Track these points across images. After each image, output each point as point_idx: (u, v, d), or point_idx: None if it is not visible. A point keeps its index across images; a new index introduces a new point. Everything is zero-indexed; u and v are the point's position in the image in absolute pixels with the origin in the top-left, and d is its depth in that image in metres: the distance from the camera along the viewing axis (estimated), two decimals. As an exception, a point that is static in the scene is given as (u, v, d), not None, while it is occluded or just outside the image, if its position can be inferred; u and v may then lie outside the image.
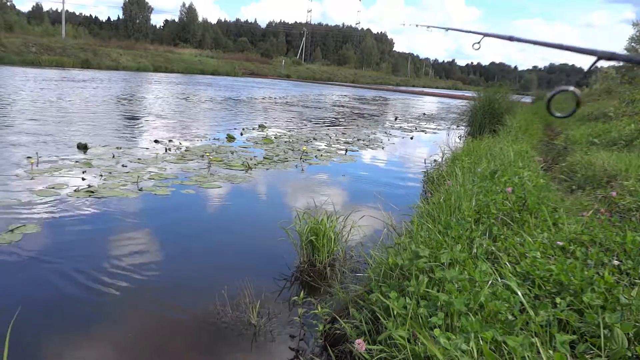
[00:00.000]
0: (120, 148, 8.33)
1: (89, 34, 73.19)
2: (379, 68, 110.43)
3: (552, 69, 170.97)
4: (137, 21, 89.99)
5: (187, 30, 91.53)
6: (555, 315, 2.06)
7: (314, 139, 11.59)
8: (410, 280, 2.40)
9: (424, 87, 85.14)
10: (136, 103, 17.34)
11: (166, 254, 4.17)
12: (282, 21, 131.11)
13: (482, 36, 1.88)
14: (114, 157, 7.55)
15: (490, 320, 2.05)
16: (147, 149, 8.55)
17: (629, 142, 8.43)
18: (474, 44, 1.86)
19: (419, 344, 1.92)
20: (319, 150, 9.89)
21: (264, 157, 8.58)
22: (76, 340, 2.81)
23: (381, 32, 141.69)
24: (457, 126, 16.49)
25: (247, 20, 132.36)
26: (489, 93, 13.48)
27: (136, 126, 11.55)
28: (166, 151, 8.39)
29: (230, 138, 10.36)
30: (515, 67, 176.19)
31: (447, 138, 12.09)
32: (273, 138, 10.92)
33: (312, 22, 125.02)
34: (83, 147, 8.09)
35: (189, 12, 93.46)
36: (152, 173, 6.68)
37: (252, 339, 2.91)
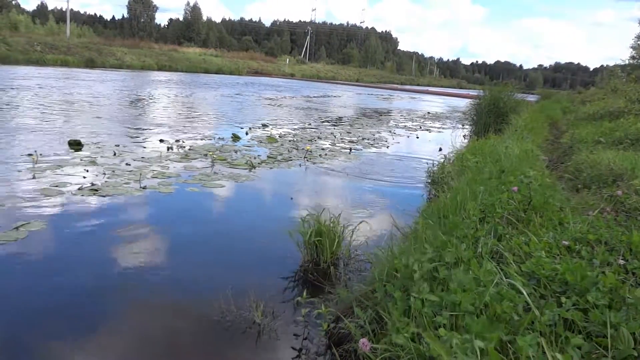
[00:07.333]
0: (119, 145, 8.35)
1: (93, 33, 73.44)
2: (383, 67, 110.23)
3: (557, 67, 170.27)
4: (142, 20, 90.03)
5: (191, 29, 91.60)
6: (561, 315, 2.05)
7: (318, 138, 11.58)
8: (415, 280, 2.39)
9: (428, 85, 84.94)
10: (140, 102, 17.39)
11: (170, 253, 4.17)
12: (287, 20, 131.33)
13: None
14: (115, 154, 7.57)
15: (495, 319, 2.04)
16: (146, 148, 8.56)
17: (635, 141, 8.38)
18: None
19: (424, 343, 1.91)
20: (323, 149, 9.88)
21: (267, 156, 8.58)
22: (80, 339, 2.82)
23: (386, 31, 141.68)
24: (462, 125, 16.45)
25: (251, 19, 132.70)
26: (494, 92, 13.41)
27: (140, 125, 11.56)
28: (168, 150, 8.40)
29: (236, 138, 10.36)
30: (521, 66, 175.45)
31: (452, 137, 12.06)
32: (277, 137, 10.93)
33: (317, 21, 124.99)
34: (76, 144, 8.08)
35: (194, 11, 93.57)
36: (155, 172, 6.69)
37: (256, 337, 2.91)
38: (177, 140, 9.45)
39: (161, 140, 9.29)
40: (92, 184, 5.80)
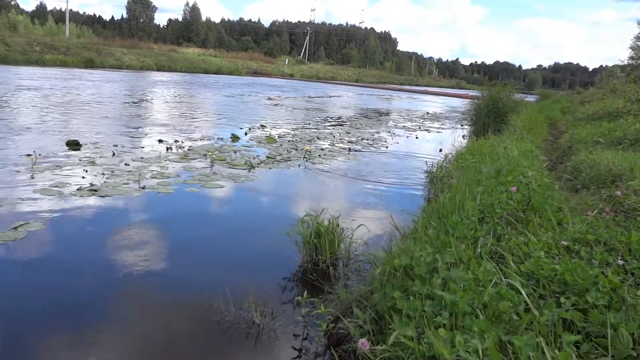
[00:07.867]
0: (117, 145, 8.34)
1: (92, 33, 73.44)
2: (382, 67, 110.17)
3: (556, 67, 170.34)
4: (141, 20, 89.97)
5: (190, 29, 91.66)
6: (560, 315, 2.05)
7: (318, 138, 11.58)
8: (415, 280, 2.39)
9: (427, 86, 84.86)
10: (139, 102, 17.38)
11: (169, 253, 4.17)
12: (286, 20, 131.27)
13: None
14: (114, 155, 7.57)
15: (494, 320, 2.04)
16: (145, 148, 8.55)
17: (634, 141, 8.39)
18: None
19: (424, 343, 1.91)
20: (322, 149, 9.88)
21: (267, 157, 8.58)
22: (79, 339, 2.81)
23: (385, 31, 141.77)
24: (461, 125, 16.46)
25: (250, 20, 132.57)
26: (493, 92, 13.42)
27: (139, 125, 11.56)
28: (167, 150, 8.40)
29: (235, 138, 10.36)
30: (520, 66, 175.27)
31: (451, 137, 12.06)
32: (276, 137, 10.92)
33: (316, 21, 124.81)
34: (74, 144, 8.07)
35: (193, 11, 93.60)
36: (154, 172, 6.68)
37: (255, 338, 2.91)
38: (176, 141, 9.44)
39: (160, 141, 9.28)
40: (91, 184, 5.80)
